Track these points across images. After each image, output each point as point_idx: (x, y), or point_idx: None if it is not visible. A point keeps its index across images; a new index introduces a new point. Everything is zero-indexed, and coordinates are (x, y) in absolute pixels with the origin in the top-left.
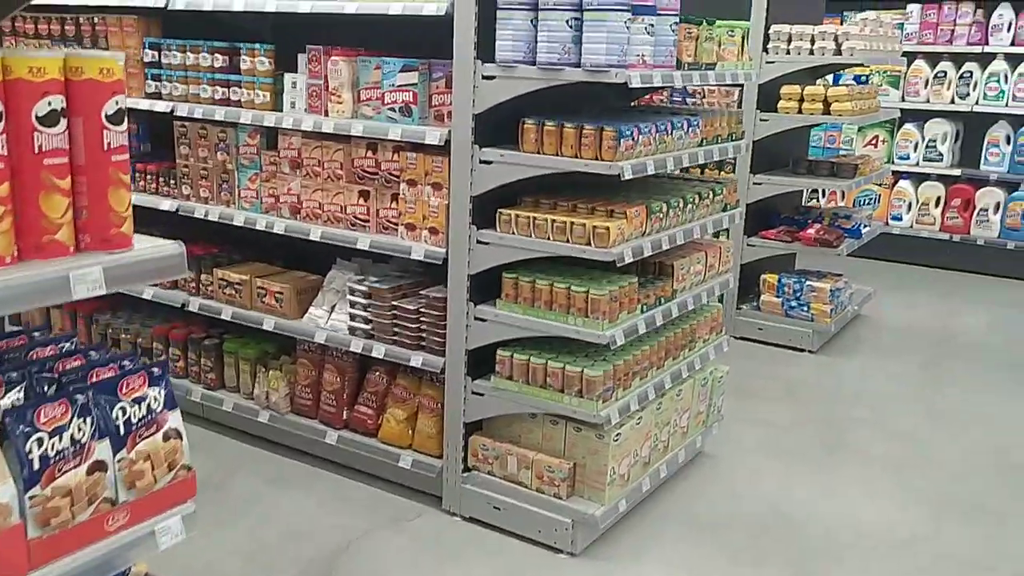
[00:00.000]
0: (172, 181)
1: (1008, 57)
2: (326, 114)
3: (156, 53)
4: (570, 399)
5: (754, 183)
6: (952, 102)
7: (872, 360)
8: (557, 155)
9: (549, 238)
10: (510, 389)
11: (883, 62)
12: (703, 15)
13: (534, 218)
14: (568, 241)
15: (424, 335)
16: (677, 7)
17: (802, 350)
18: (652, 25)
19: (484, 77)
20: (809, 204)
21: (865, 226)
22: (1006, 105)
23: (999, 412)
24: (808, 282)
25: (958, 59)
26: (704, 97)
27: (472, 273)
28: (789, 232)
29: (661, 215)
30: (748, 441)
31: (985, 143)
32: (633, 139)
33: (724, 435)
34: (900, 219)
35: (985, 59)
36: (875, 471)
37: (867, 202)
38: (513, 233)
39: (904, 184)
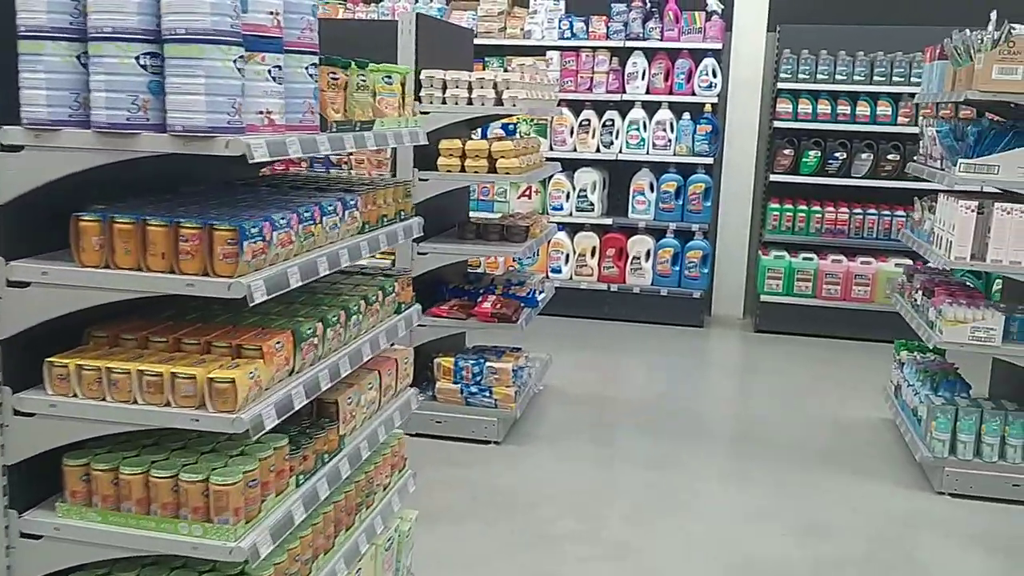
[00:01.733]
0: None
1: (645, 105)
2: None
3: None
4: None
5: (419, 253)
6: (598, 150)
7: (562, 446)
8: (139, 270)
9: (135, 401)
10: None
11: (545, 112)
12: (347, 57)
13: (108, 369)
14: (169, 404)
15: None
16: (315, 43)
17: (487, 442)
18: (279, 67)
19: (5, 148)
20: (474, 269)
21: (540, 292)
22: (647, 153)
23: (699, 495)
24: (488, 363)
25: (600, 107)
26: (353, 155)
27: (9, 464)
28: (462, 307)
29: (316, 341)
30: None
31: (631, 191)
32: (264, 239)
33: None
34: (559, 271)
35: (624, 107)
36: None
37: (528, 255)
38: (75, 396)
39: (560, 235)
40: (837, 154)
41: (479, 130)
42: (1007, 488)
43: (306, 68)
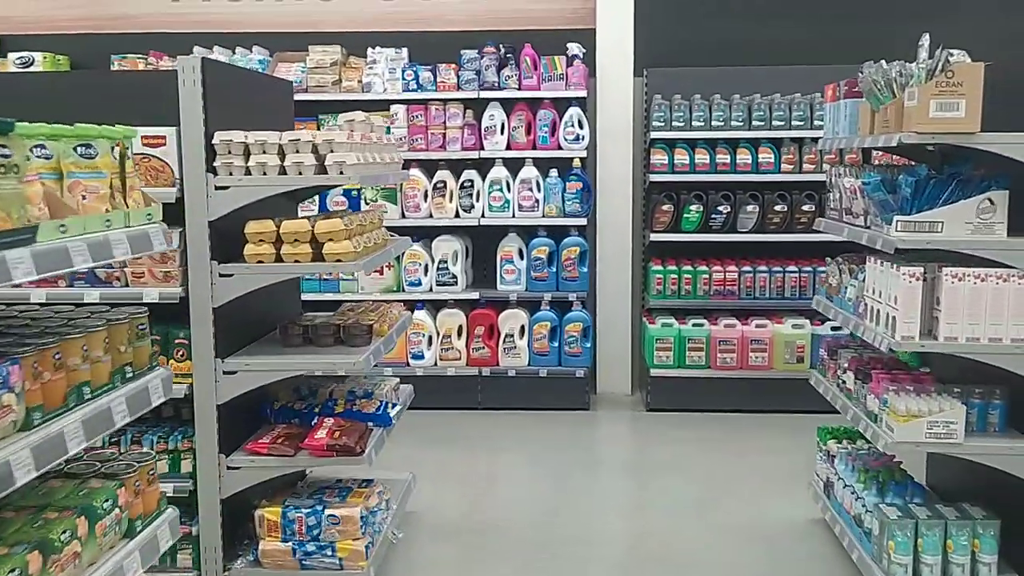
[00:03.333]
0: None
1: (506, 162)
2: None
3: None
4: None
5: (225, 372)
6: (457, 215)
7: None
8: None
9: None
10: None
11: (383, 180)
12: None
13: None
14: None
15: None
16: None
17: None
18: None
19: None
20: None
21: (394, 404)
22: (513, 216)
23: None
24: (328, 509)
25: (456, 167)
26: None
27: None
28: (290, 438)
29: None
30: None
31: (498, 259)
32: None
33: None
34: (421, 357)
35: (484, 165)
36: None
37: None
38: None
39: (421, 315)
40: (720, 207)
41: (317, 199)
42: None
43: None
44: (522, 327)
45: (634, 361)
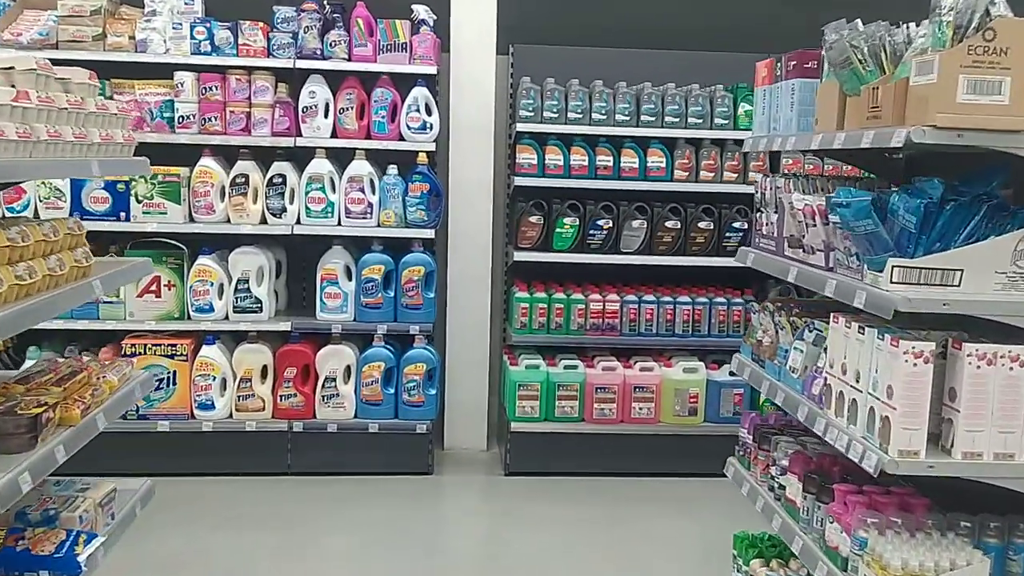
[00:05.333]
0: None
1: (332, 154)
2: None
3: None
4: None
5: None
6: (264, 221)
7: None
8: None
9: None
10: None
11: (78, 172)
12: None
13: None
14: None
15: None
16: None
17: None
18: None
19: None
20: None
21: (89, 537)
22: (339, 224)
23: None
24: None
25: (264, 157)
26: None
27: None
28: None
29: None
30: None
31: (318, 280)
32: None
33: None
34: (211, 406)
35: (302, 156)
36: None
37: (155, 387)
38: None
39: (211, 351)
40: (601, 221)
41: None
42: None
43: None
44: (347, 368)
45: (491, 410)
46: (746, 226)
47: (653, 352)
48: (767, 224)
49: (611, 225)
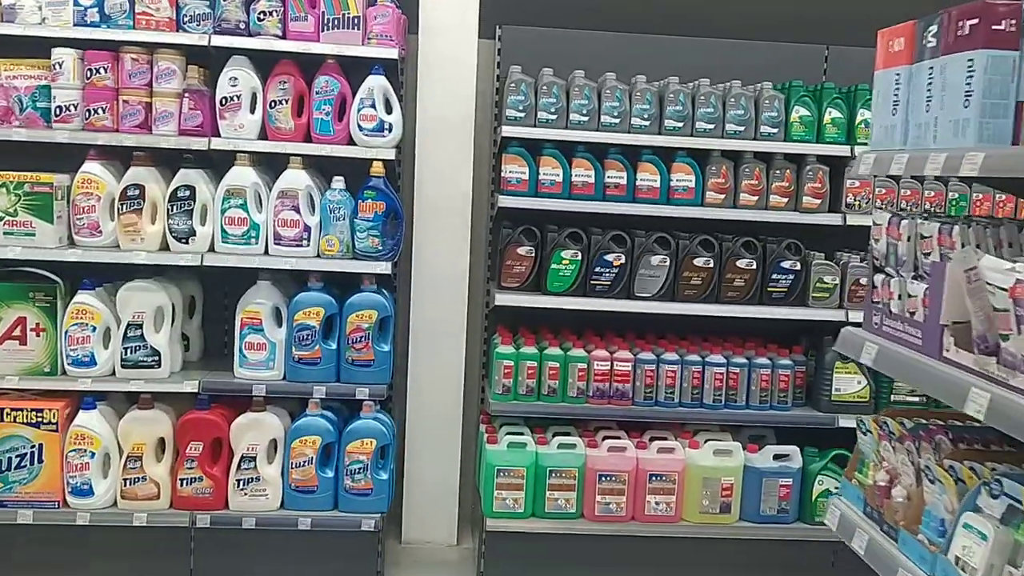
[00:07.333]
0: None
1: (257, 160)
2: None
3: None
4: None
5: None
6: (166, 247)
7: None
8: None
9: None
10: None
11: None
12: None
13: None
14: None
15: None
16: None
17: None
18: None
19: None
20: None
21: None
22: (264, 252)
23: None
24: None
25: (167, 163)
26: None
27: None
28: None
29: None
30: None
31: (237, 326)
32: None
33: None
34: (89, 493)
35: (218, 163)
36: None
37: (11, 464)
38: None
39: (88, 419)
40: (610, 256)
41: None
42: None
43: None
44: (272, 443)
45: (464, 500)
46: (798, 266)
47: (674, 427)
48: (901, 297)
49: (623, 261)
